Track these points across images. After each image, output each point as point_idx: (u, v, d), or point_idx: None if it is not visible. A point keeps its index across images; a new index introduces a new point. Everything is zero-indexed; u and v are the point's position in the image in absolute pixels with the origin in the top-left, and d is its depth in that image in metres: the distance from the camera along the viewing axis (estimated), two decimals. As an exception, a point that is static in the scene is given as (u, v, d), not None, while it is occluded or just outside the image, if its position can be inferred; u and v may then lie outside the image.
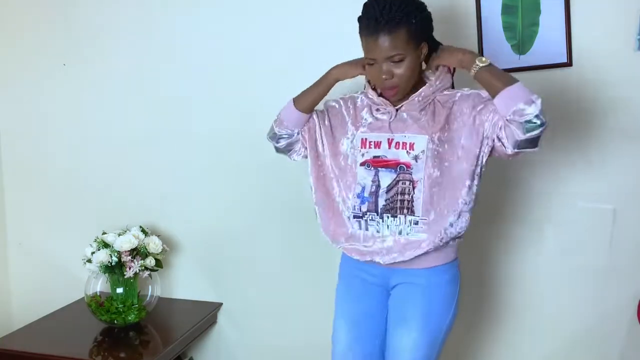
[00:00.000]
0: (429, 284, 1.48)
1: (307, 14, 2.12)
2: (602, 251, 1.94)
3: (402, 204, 1.44)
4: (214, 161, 2.29)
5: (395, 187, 1.44)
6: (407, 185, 1.43)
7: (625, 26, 1.82)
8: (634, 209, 1.90)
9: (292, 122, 1.59)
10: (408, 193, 1.43)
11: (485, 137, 1.42)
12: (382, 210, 1.45)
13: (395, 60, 1.39)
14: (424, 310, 1.48)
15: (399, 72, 1.40)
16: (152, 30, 2.31)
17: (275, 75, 2.17)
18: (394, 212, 1.44)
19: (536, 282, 2.03)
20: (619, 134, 1.89)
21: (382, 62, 1.40)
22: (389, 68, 1.40)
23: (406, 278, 1.49)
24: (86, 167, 2.46)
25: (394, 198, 1.44)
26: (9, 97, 2.54)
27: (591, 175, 1.93)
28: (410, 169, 1.44)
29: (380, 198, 1.45)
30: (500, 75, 1.38)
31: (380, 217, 1.46)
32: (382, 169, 1.46)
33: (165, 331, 2.18)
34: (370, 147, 1.48)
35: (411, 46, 1.40)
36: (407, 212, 1.43)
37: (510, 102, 1.33)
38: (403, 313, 1.49)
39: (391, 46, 1.37)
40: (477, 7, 1.93)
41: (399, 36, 1.37)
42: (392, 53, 1.38)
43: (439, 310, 1.49)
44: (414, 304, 1.48)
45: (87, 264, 2.11)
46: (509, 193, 2.02)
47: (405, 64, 1.40)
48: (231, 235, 2.31)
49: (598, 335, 1.99)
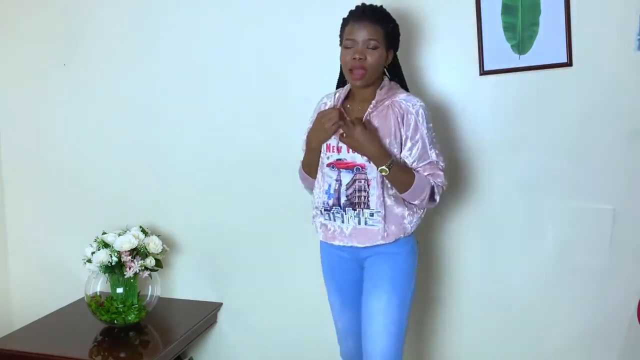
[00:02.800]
0: (394, 255, 1.70)
1: (304, 17, 2.12)
2: (602, 251, 1.94)
3: (359, 199, 1.67)
4: (214, 161, 2.29)
5: (353, 185, 1.68)
6: (363, 184, 1.67)
7: (625, 26, 1.82)
8: (634, 209, 1.90)
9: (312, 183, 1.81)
10: (364, 190, 1.67)
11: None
12: (344, 205, 1.69)
13: (371, 46, 1.61)
14: (391, 274, 1.69)
15: (371, 59, 1.61)
16: (153, 30, 2.31)
17: (276, 76, 2.18)
18: (354, 206, 1.68)
19: (536, 282, 2.03)
20: (619, 134, 1.89)
21: (359, 43, 1.61)
22: (364, 51, 1.61)
23: (372, 251, 1.71)
24: (86, 167, 2.46)
25: (353, 194, 1.68)
26: (9, 97, 2.55)
27: (591, 175, 1.93)
28: (365, 169, 1.66)
29: (342, 195, 1.69)
30: (398, 182, 1.64)
31: (343, 210, 1.69)
32: (343, 170, 1.68)
33: (165, 331, 2.18)
34: (333, 151, 1.70)
35: (384, 44, 1.64)
36: (364, 206, 1.67)
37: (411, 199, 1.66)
38: (374, 281, 1.71)
39: (372, 32, 1.61)
40: (477, 7, 1.93)
41: (378, 29, 1.62)
42: (371, 37, 1.60)
43: (404, 276, 1.71)
44: (383, 270, 1.70)
45: (87, 264, 2.11)
46: (508, 193, 2.02)
47: (377, 54, 1.62)
48: (231, 235, 2.31)
49: (598, 335, 1.99)
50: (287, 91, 2.16)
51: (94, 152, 2.45)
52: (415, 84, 2.06)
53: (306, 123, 1.78)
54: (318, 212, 1.76)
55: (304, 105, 1.86)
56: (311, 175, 1.79)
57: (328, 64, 1.86)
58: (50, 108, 2.49)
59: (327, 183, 1.72)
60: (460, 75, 2.01)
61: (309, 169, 1.79)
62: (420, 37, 2.02)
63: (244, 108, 2.23)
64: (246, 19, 2.19)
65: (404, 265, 1.71)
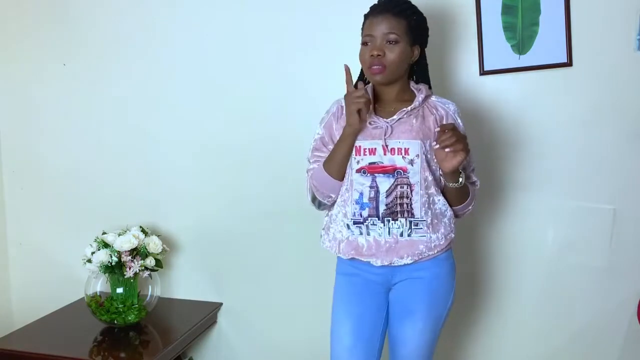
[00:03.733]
0: (432, 276, 1.55)
1: (304, 14, 2.12)
2: (602, 251, 1.94)
3: (402, 207, 1.50)
4: (214, 161, 2.29)
5: (394, 192, 1.50)
6: (406, 189, 1.49)
7: (625, 26, 1.83)
8: (634, 209, 1.90)
9: (336, 190, 1.57)
10: (407, 196, 1.50)
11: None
12: (383, 215, 1.50)
13: (391, 40, 1.47)
14: (429, 301, 1.55)
15: (391, 55, 1.47)
16: (153, 30, 2.31)
17: (277, 77, 2.17)
18: (394, 215, 1.50)
19: (536, 281, 2.03)
20: (619, 134, 1.89)
21: (378, 38, 1.48)
22: (382, 46, 1.48)
23: (409, 274, 1.54)
24: (86, 167, 2.46)
25: (394, 202, 1.50)
26: (9, 97, 2.54)
27: (591, 175, 1.93)
28: (407, 173, 1.50)
29: (380, 203, 1.50)
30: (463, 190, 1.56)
31: (382, 222, 1.50)
32: (380, 175, 1.51)
33: (165, 331, 2.18)
34: (365, 154, 1.52)
35: (407, 38, 1.50)
36: (408, 215, 1.50)
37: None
38: (408, 306, 1.55)
39: (391, 26, 1.47)
40: (477, 7, 1.93)
41: (399, 22, 1.48)
42: (390, 31, 1.47)
43: (442, 299, 1.57)
44: (420, 297, 1.55)
45: (87, 264, 2.11)
46: (508, 193, 2.02)
47: (398, 49, 1.48)
48: (231, 235, 2.31)
49: (598, 335, 1.99)
50: (289, 91, 2.16)
51: (94, 152, 2.44)
52: (415, 84, 2.06)
53: (307, 123, 1.76)
54: (342, 227, 1.55)
55: (305, 106, 1.86)
56: (337, 177, 1.55)
57: (330, 63, 1.85)
58: (50, 108, 2.48)
59: (357, 191, 1.52)
60: (460, 75, 2.01)
61: (339, 167, 1.53)
62: (420, 37, 2.02)
63: (245, 108, 2.22)
64: (247, 19, 2.18)
65: (442, 289, 1.57)
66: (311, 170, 1.61)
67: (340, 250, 1.57)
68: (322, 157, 1.60)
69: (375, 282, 1.57)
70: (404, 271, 1.54)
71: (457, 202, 1.57)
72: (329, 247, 1.61)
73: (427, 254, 1.52)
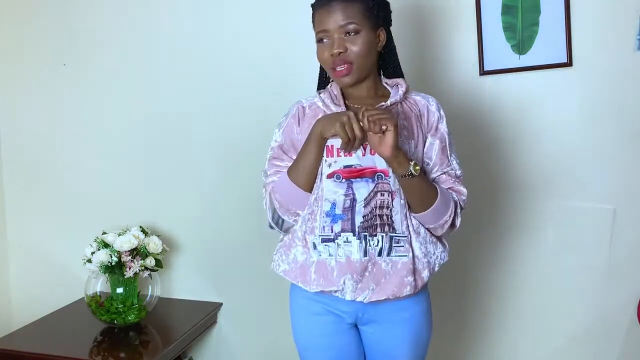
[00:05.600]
0: (413, 315, 1.30)
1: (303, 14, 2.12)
2: (602, 251, 1.94)
3: (381, 219, 1.24)
4: (215, 161, 2.29)
5: (373, 200, 1.24)
6: (386, 197, 1.24)
7: (625, 26, 1.83)
8: (634, 209, 1.90)
9: (304, 203, 1.30)
10: (387, 206, 1.24)
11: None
12: (359, 229, 1.23)
13: (350, 31, 1.23)
14: (412, 343, 1.33)
15: (355, 48, 1.23)
16: (153, 30, 2.31)
17: (277, 77, 2.17)
18: (372, 230, 1.23)
19: (536, 282, 2.03)
20: (619, 134, 1.89)
21: (335, 34, 1.24)
22: (342, 41, 1.24)
23: (385, 314, 1.28)
24: (86, 167, 2.46)
25: (372, 213, 1.24)
26: (9, 97, 2.55)
27: (591, 175, 1.93)
28: (388, 177, 1.25)
29: (357, 214, 1.24)
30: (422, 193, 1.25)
31: (357, 238, 1.23)
32: (357, 180, 1.25)
33: (165, 331, 2.18)
34: (339, 155, 1.26)
35: (368, 23, 1.25)
36: (388, 229, 1.24)
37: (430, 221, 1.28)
38: (388, 351, 1.33)
39: (345, 14, 1.23)
40: (477, 7, 1.93)
41: (354, 6, 1.23)
42: (346, 21, 1.23)
43: (424, 337, 1.36)
44: (401, 341, 1.32)
45: (87, 264, 2.11)
46: (508, 193, 2.02)
47: (361, 39, 1.23)
48: (231, 235, 2.31)
49: (598, 335, 1.99)
50: (288, 91, 2.16)
51: (94, 152, 2.44)
52: (415, 84, 2.05)
53: None
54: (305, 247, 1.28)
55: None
56: (306, 187, 1.29)
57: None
58: (50, 108, 2.48)
59: (328, 202, 1.25)
60: (460, 75, 2.01)
61: (308, 174, 1.28)
62: (420, 37, 2.02)
63: (245, 108, 2.22)
64: (247, 19, 2.18)
65: (427, 323, 1.34)
66: (271, 184, 1.36)
67: (305, 280, 1.30)
68: (282, 167, 1.36)
69: (344, 320, 1.32)
70: (379, 309, 1.28)
71: (420, 205, 1.25)
72: (286, 271, 1.33)
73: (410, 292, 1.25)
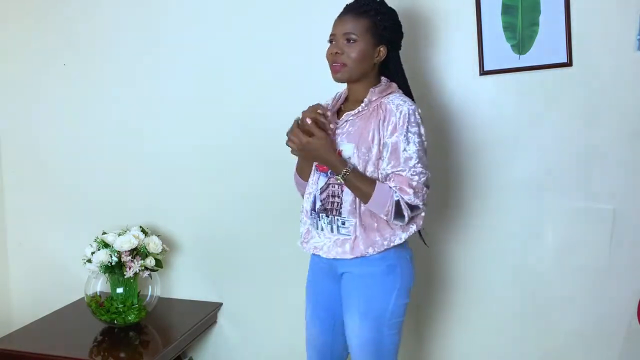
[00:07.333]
0: (363, 274, 1.58)
1: (307, 16, 2.12)
2: (602, 251, 1.94)
3: (332, 205, 1.58)
4: (215, 161, 2.29)
5: (327, 190, 1.60)
6: (337, 189, 1.57)
7: (625, 26, 1.82)
8: (634, 209, 1.90)
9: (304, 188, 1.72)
10: (338, 195, 1.57)
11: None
12: (318, 210, 1.61)
13: (350, 39, 1.53)
14: (361, 297, 1.58)
15: (351, 54, 1.53)
16: (153, 30, 2.31)
17: (275, 76, 2.18)
18: (327, 212, 1.59)
19: (536, 282, 2.03)
20: (619, 134, 1.89)
21: (339, 38, 1.55)
22: (342, 45, 1.54)
23: (346, 268, 1.60)
24: (86, 167, 2.46)
25: (326, 200, 1.60)
26: (9, 97, 2.55)
27: (591, 175, 1.93)
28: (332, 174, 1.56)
29: (317, 199, 1.62)
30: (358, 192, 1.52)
31: (317, 216, 1.62)
32: (322, 173, 1.62)
33: (165, 331, 2.18)
34: None
35: (368, 38, 1.54)
36: (336, 213, 1.57)
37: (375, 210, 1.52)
38: (347, 300, 1.62)
39: (349, 26, 1.53)
40: (477, 7, 1.93)
41: (360, 22, 1.53)
42: (348, 31, 1.53)
43: (377, 298, 1.57)
44: (353, 292, 1.60)
45: (87, 264, 2.11)
46: (508, 193, 2.02)
47: (357, 48, 1.53)
48: (231, 235, 2.31)
49: (598, 335, 1.99)
50: (289, 91, 2.16)
51: (94, 152, 2.44)
52: (415, 84, 2.06)
53: None
54: (303, 217, 1.68)
55: (306, 106, 1.85)
56: (304, 178, 1.73)
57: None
58: (50, 108, 2.48)
59: (310, 187, 1.66)
60: (460, 75, 2.01)
61: (307, 174, 1.71)
62: (420, 37, 2.02)
63: (245, 108, 2.23)
64: (246, 19, 2.18)
65: (377, 288, 1.57)
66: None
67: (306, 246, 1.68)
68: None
69: (325, 271, 1.67)
70: (342, 264, 1.60)
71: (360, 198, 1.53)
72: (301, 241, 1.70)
73: (350, 256, 1.55)
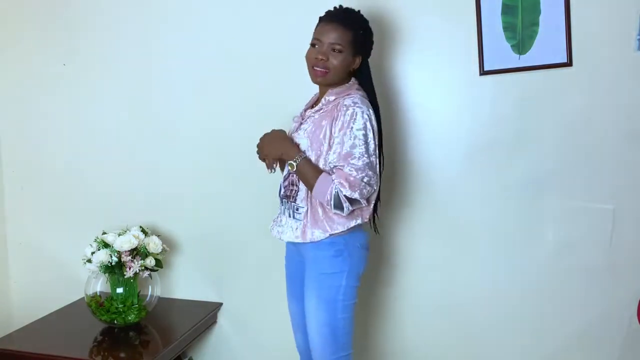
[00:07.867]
0: (316, 257, 1.70)
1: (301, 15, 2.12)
2: (602, 251, 1.94)
3: (291, 192, 1.73)
4: (214, 161, 2.29)
5: (288, 178, 1.75)
6: (295, 178, 1.71)
7: (625, 26, 1.83)
8: (634, 209, 1.90)
9: None
10: (296, 184, 1.72)
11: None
12: (282, 196, 1.77)
13: (335, 49, 1.64)
14: (314, 279, 1.71)
15: (335, 62, 1.65)
16: (153, 30, 2.31)
17: (275, 76, 2.17)
18: (287, 199, 1.74)
19: (536, 281, 2.03)
20: (618, 134, 1.89)
21: (325, 44, 1.64)
22: (327, 53, 1.64)
23: (305, 251, 1.73)
24: (86, 167, 2.46)
25: (288, 187, 1.75)
26: (9, 97, 2.55)
27: (591, 175, 1.93)
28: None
29: (281, 186, 1.78)
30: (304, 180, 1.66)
31: (281, 202, 1.78)
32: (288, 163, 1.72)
33: (165, 331, 2.18)
34: None
35: (350, 49, 1.65)
36: (293, 200, 1.72)
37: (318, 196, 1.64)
38: (306, 282, 1.74)
39: (338, 36, 1.64)
40: (477, 7, 1.93)
41: (346, 33, 1.64)
42: (336, 41, 1.64)
43: (328, 279, 1.69)
44: (309, 274, 1.73)
45: (87, 264, 2.11)
46: (507, 193, 2.02)
47: (341, 58, 1.65)
48: (231, 236, 2.31)
49: (598, 335, 1.99)
50: (289, 92, 2.16)
51: (94, 152, 2.44)
52: (415, 84, 2.06)
53: None
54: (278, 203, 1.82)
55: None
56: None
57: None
58: (50, 108, 2.48)
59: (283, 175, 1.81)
60: (460, 75, 2.01)
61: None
62: (420, 38, 2.02)
63: (245, 109, 2.22)
64: (245, 20, 2.19)
65: (327, 270, 1.68)
66: None
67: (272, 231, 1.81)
68: None
69: (293, 250, 1.82)
70: (301, 248, 1.73)
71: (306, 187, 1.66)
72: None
73: (299, 240, 1.69)
